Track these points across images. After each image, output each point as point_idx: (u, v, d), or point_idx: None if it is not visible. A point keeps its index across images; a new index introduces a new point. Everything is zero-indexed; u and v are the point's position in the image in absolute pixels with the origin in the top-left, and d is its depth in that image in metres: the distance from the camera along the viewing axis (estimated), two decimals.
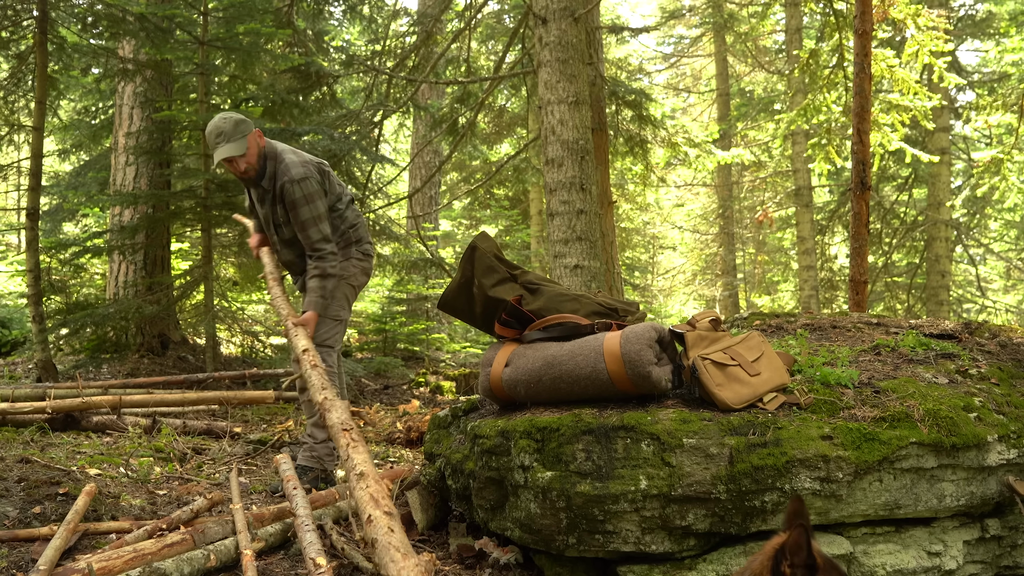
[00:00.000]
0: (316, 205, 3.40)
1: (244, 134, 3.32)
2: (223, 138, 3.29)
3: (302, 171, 3.38)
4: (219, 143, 3.30)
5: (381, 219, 8.76)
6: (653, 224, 20.70)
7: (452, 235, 16.24)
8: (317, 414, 3.36)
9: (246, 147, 3.31)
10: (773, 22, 15.78)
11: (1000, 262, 17.52)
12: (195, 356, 7.29)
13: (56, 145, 11.37)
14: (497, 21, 13.29)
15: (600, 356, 2.38)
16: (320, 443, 3.53)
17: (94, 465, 3.65)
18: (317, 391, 2.74)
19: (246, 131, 3.34)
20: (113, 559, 2.24)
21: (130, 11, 6.19)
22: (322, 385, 2.75)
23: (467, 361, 9.89)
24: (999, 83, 12.14)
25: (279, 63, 7.25)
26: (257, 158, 3.38)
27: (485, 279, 2.70)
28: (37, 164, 6.07)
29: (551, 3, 5.59)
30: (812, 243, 13.04)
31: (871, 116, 5.79)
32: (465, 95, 8.65)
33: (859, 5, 5.42)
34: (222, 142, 3.29)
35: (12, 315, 8.77)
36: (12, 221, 16.48)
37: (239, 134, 3.31)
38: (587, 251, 5.45)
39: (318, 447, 3.53)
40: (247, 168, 3.37)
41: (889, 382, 2.55)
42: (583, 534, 2.25)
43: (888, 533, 2.38)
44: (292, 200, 3.36)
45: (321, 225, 3.43)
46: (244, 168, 3.36)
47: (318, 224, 3.41)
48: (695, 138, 9.77)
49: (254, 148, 3.36)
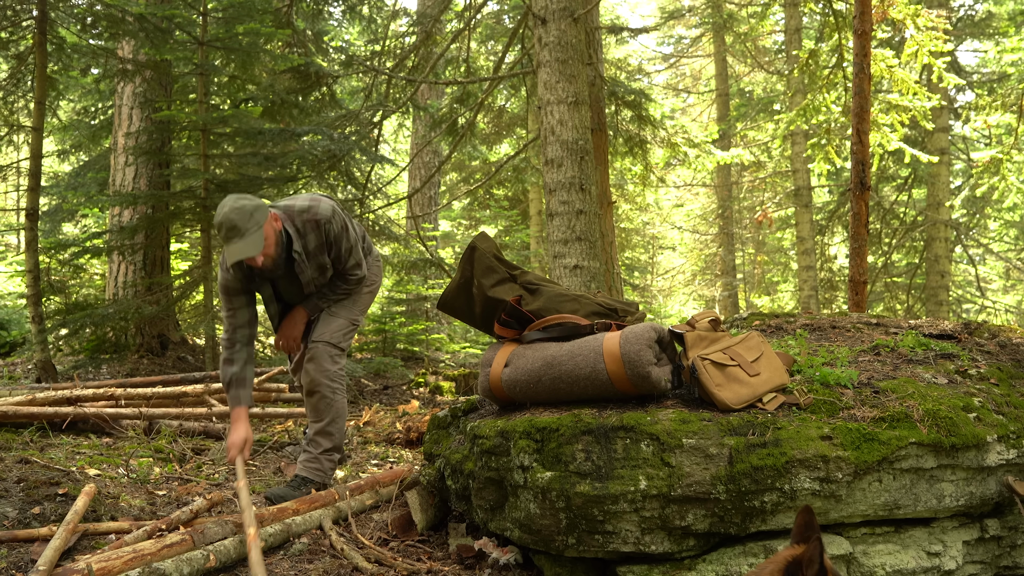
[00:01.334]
0: (351, 231, 3.26)
1: (259, 224, 2.90)
2: (235, 234, 2.86)
3: (327, 206, 3.15)
4: (232, 239, 2.86)
5: (381, 219, 8.76)
6: (653, 224, 20.71)
7: (452, 235, 16.24)
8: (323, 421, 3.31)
9: (263, 240, 2.90)
10: (772, 22, 15.79)
11: (999, 262, 17.53)
12: (195, 356, 7.29)
13: (56, 145, 11.37)
14: (496, 21, 13.29)
15: (599, 356, 2.38)
16: (323, 453, 3.31)
17: (94, 466, 3.65)
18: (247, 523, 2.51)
19: (261, 220, 2.91)
20: (112, 559, 2.24)
21: (129, 11, 6.19)
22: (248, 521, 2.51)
23: (467, 361, 9.89)
24: (998, 83, 12.14)
25: (278, 63, 7.26)
26: (276, 245, 3.03)
27: (485, 279, 2.70)
28: (36, 164, 6.08)
29: (550, 3, 5.59)
30: (812, 243, 13.05)
31: (870, 116, 5.79)
32: (465, 95, 8.66)
33: (858, 5, 5.42)
34: (234, 238, 2.86)
35: (11, 316, 8.77)
36: (11, 221, 16.48)
37: (254, 226, 2.88)
38: (586, 251, 5.45)
39: (322, 458, 3.32)
40: (265, 261, 3.02)
41: (889, 382, 2.55)
42: (583, 534, 2.25)
43: (888, 533, 2.38)
44: (334, 238, 3.15)
45: (358, 247, 3.30)
46: (262, 263, 3.00)
47: (356, 246, 3.28)
48: (694, 138, 9.77)
49: (271, 237, 2.99)
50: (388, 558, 2.59)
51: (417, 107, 9.27)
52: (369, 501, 3.15)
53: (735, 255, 18.54)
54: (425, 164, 12.09)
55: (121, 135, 7.40)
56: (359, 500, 3.11)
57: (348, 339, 3.38)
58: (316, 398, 3.29)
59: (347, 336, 3.37)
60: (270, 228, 2.98)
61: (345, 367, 3.50)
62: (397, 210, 13.16)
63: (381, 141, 10.70)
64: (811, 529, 1.55)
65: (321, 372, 3.27)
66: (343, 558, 2.60)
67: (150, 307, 6.55)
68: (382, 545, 2.78)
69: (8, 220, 16.90)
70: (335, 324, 3.34)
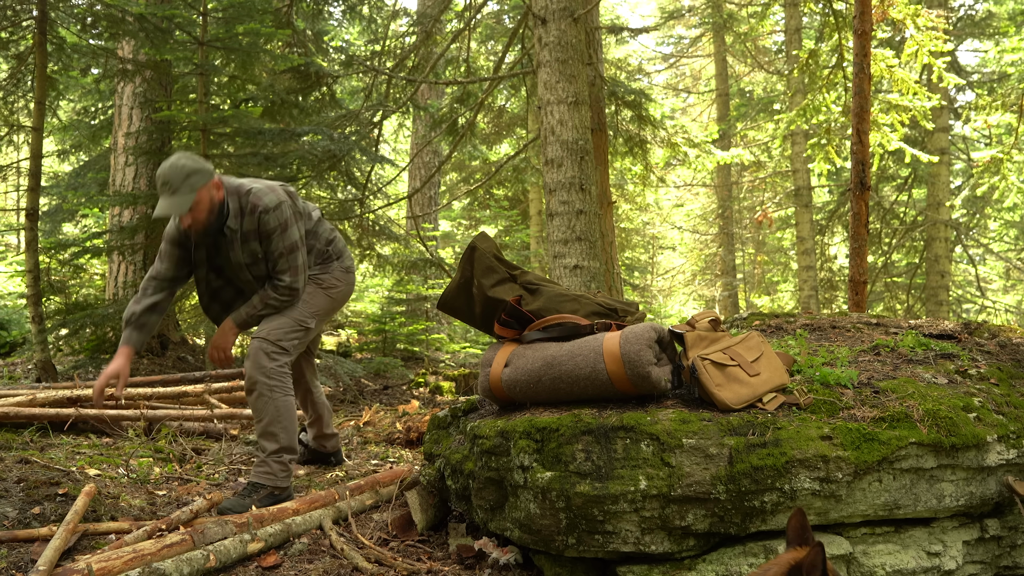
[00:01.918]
0: (291, 232, 3.14)
1: (193, 188, 2.94)
2: (167, 189, 2.93)
3: (274, 197, 3.10)
4: (163, 193, 2.94)
5: (381, 219, 8.76)
6: (653, 224, 20.72)
7: (452, 235, 16.24)
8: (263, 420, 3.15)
9: (190, 203, 2.94)
10: (772, 22, 15.80)
11: (1000, 262, 17.53)
12: (194, 356, 7.29)
13: (56, 145, 11.37)
14: (497, 21, 13.30)
15: (599, 356, 2.38)
16: (271, 456, 3.15)
17: (94, 466, 3.65)
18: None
19: (196, 184, 2.95)
20: (112, 559, 2.24)
21: (129, 11, 6.19)
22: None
23: (467, 361, 9.89)
24: (999, 83, 12.15)
25: (279, 63, 7.25)
26: (208, 212, 3.04)
27: (484, 279, 2.70)
28: (36, 164, 6.07)
29: (550, 3, 5.59)
30: (812, 243, 13.05)
31: (870, 116, 5.79)
32: (465, 95, 8.66)
33: (858, 5, 5.42)
34: (165, 193, 2.94)
35: (11, 316, 8.77)
36: (11, 221, 16.48)
37: (187, 188, 2.93)
38: (586, 251, 5.45)
39: (270, 460, 3.14)
40: (194, 224, 3.04)
41: (889, 382, 2.55)
42: (582, 534, 2.25)
43: (888, 533, 2.38)
44: (267, 231, 3.09)
45: (297, 254, 3.16)
46: (188, 225, 3.03)
47: (294, 252, 3.15)
48: (694, 138, 9.77)
49: (204, 203, 3.01)
50: (388, 558, 2.59)
51: (417, 107, 9.27)
52: (369, 501, 3.15)
53: (735, 255, 18.55)
54: (425, 164, 12.09)
55: (121, 135, 7.40)
56: (359, 500, 3.11)
57: (292, 338, 3.23)
58: (254, 396, 3.15)
59: (290, 335, 3.22)
60: (207, 194, 3.00)
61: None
62: (397, 210, 13.17)
63: (381, 141, 10.70)
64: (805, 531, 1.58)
65: (257, 369, 3.13)
66: (343, 558, 2.60)
67: None
68: (382, 545, 2.78)
69: (8, 220, 16.90)
70: (277, 322, 3.22)
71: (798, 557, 1.55)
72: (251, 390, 3.15)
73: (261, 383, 3.13)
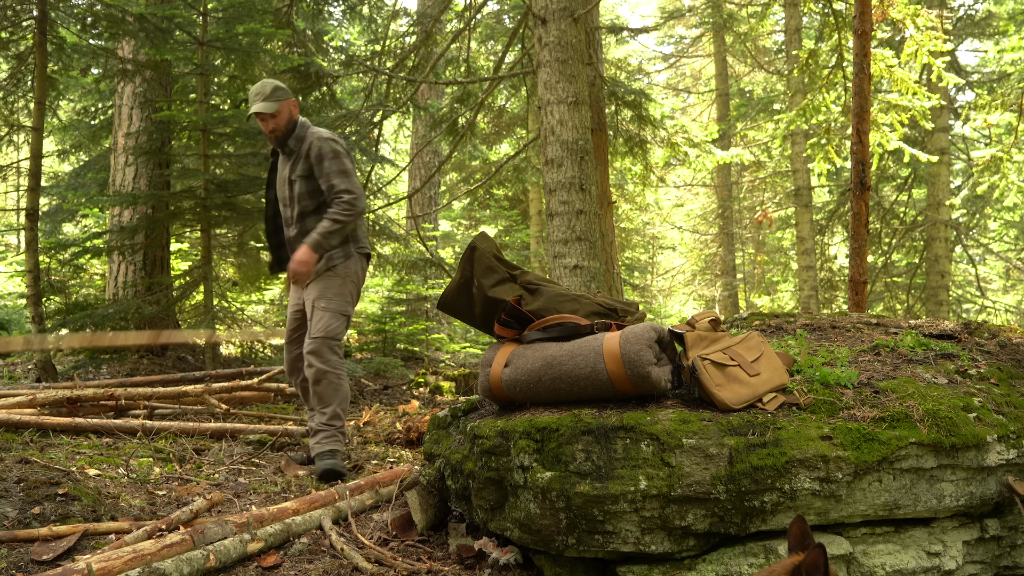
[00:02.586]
0: (343, 160, 3.67)
1: (279, 99, 3.70)
2: (259, 96, 3.69)
3: (331, 134, 3.74)
4: (256, 99, 3.70)
5: (381, 219, 8.76)
6: (653, 224, 20.72)
7: (452, 235, 16.24)
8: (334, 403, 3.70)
9: (277, 109, 3.68)
10: (772, 22, 15.80)
11: (1000, 262, 17.53)
12: (195, 356, 7.29)
13: (56, 146, 11.36)
14: (497, 21, 13.30)
15: (599, 356, 2.38)
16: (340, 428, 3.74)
17: (94, 466, 3.65)
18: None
19: (281, 96, 3.71)
20: (112, 559, 2.24)
21: (130, 11, 6.19)
22: None
23: (467, 361, 9.89)
24: (998, 83, 12.14)
25: (279, 63, 7.25)
26: (286, 123, 3.73)
27: (485, 279, 2.70)
28: (36, 164, 6.07)
29: (550, 3, 5.59)
30: (811, 243, 13.05)
31: (870, 116, 5.79)
32: (465, 95, 8.66)
33: (858, 5, 5.42)
34: (258, 100, 3.69)
35: (11, 316, 8.77)
36: (12, 222, 16.48)
37: (275, 98, 3.69)
38: (586, 251, 5.45)
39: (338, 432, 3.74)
40: (274, 128, 3.71)
41: (888, 382, 2.55)
42: (583, 534, 2.25)
43: (888, 533, 2.38)
44: (320, 154, 3.65)
45: (351, 178, 3.67)
46: (272, 128, 3.71)
47: (346, 175, 3.66)
48: (694, 138, 9.77)
49: (285, 113, 3.72)
50: (388, 558, 2.59)
51: (417, 107, 9.27)
52: (369, 501, 3.15)
53: (735, 255, 18.55)
54: (425, 164, 12.09)
55: (121, 135, 7.40)
56: (359, 500, 3.11)
57: (342, 329, 3.75)
58: (323, 385, 3.67)
59: (341, 328, 3.74)
60: (287, 108, 3.73)
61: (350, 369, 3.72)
62: (397, 210, 13.17)
63: (381, 141, 10.70)
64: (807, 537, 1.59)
65: (325, 362, 3.67)
66: (343, 558, 2.60)
67: (150, 307, 6.55)
68: (382, 545, 2.78)
69: (8, 220, 16.90)
70: (325, 320, 3.69)
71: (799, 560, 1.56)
72: (319, 380, 3.68)
73: (330, 373, 3.69)
